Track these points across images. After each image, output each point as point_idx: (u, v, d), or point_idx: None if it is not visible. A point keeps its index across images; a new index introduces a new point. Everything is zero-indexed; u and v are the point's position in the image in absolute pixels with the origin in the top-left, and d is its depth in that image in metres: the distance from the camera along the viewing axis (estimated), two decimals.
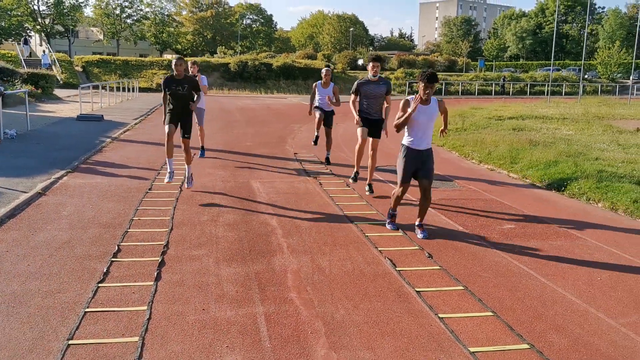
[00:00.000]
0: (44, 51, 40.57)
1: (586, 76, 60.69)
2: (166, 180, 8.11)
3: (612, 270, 5.49)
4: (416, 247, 6.03)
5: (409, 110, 6.21)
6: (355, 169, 8.78)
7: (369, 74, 8.24)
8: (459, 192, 8.88)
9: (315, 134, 10.91)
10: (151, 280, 4.89)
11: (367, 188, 8.51)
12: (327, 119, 10.47)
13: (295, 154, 12.58)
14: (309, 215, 7.24)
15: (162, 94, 8.13)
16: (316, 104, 10.48)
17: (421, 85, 6.19)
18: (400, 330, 4.10)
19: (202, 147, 11.72)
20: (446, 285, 4.99)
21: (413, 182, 6.54)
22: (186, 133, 8.12)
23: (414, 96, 6.28)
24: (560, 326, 4.23)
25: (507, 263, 5.62)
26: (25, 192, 7.77)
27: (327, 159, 10.77)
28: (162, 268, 5.19)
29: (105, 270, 5.09)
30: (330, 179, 9.71)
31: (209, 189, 8.58)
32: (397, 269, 5.34)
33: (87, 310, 4.26)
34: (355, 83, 8.41)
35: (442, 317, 4.31)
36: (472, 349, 3.83)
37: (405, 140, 6.45)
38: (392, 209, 6.79)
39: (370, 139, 8.40)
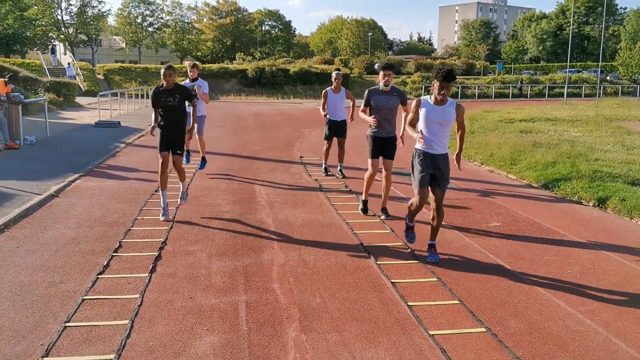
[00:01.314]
0: (68, 63, 41.74)
1: (608, 77, 60.19)
2: (162, 217, 7.18)
3: (584, 264, 5.76)
4: (400, 243, 6.36)
5: (416, 135, 5.64)
6: (363, 197, 7.74)
7: (380, 84, 7.35)
8: (453, 192, 9.16)
9: (324, 165, 10.58)
10: (146, 272, 5.30)
11: (382, 213, 7.53)
12: (340, 129, 10.00)
13: (300, 157, 12.96)
14: (303, 214, 7.60)
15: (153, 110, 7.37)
16: (328, 115, 9.98)
17: (436, 84, 5.47)
18: (369, 316, 4.44)
19: (203, 158, 10.63)
20: (421, 277, 5.32)
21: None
22: (178, 148, 7.32)
23: (428, 96, 5.67)
24: (520, 313, 4.53)
25: (484, 257, 5.92)
26: (39, 194, 8.27)
27: (340, 171, 10.33)
28: (158, 262, 5.60)
29: (105, 263, 5.51)
30: (331, 181, 10.06)
31: (212, 191, 8.99)
32: (377, 262, 5.68)
33: (85, 297, 4.69)
34: (366, 92, 7.48)
35: (410, 305, 4.64)
36: (431, 332, 4.16)
37: (418, 143, 5.74)
38: (408, 220, 6.08)
39: (381, 159, 7.48)
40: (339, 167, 10.35)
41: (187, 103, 7.45)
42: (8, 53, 56.98)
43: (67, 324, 4.19)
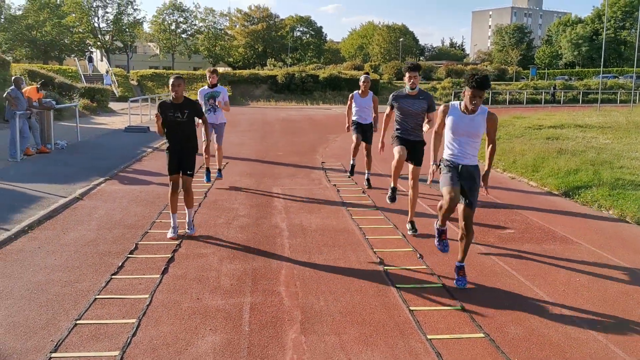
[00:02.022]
0: (107, 71, 42.81)
1: None
2: (169, 234, 6.69)
3: (593, 273, 5.72)
4: (410, 249, 6.40)
5: (428, 176, 5.36)
6: (392, 184, 7.34)
7: (406, 86, 6.88)
8: None
9: (352, 162, 10.07)
10: (158, 273, 5.47)
11: (409, 227, 7.02)
12: (365, 133, 9.60)
13: (322, 162, 13.07)
14: (318, 219, 7.70)
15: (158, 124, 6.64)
16: (353, 117, 9.74)
17: (468, 92, 4.92)
18: (370, 320, 4.52)
19: (219, 169, 10.09)
20: (426, 283, 5.36)
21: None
22: (188, 169, 6.66)
23: (457, 103, 5.17)
24: (521, 319, 4.55)
25: (493, 264, 5.92)
26: (64, 197, 8.56)
27: (368, 180, 9.88)
28: (171, 264, 5.78)
29: (120, 264, 5.71)
30: (347, 185, 10.14)
31: (231, 195, 9.17)
32: (384, 267, 5.74)
33: (97, 297, 4.87)
34: (391, 95, 7.05)
35: (412, 310, 4.70)
36: (429, 336, 4.21)
37: (445, 153, 5.32)
38: (440, 223, 5.51)
39: (410, 166, 7.01)
40: (366, 175, 9.90)
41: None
42: (46, 60, 58.68)
43: (78, 322, 4.38)
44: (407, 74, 6.82)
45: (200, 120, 7.08)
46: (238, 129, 20.75)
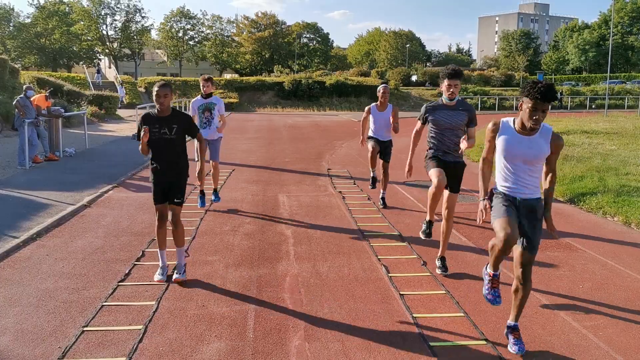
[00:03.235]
0: (121, 83, 43.15)
1: None
2: (157, 277, 5.54)
3: (597, 279, 5.73)
4: (414, 256, 6.44)
5: (477, 216, 4.16)
6: (427, 217, 6.04)
7: (444, 96, 5.75)
8: (475, 205, 9.17)
9: (372, 174, 8.94)
10: (164, 280, 5.53)
11: (438, 264, 5.95)
12: (383, 151, 8.63)
13: (328, 169, 13.13)
14: (323, 226, 7.75)
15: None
16: (370, 133, 8.75)
17: (527, 104, 3.82)
18: (373, 327, 4.56)
19: (216, 189, 8.81)
20: (431, 289, 5.40)
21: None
22: (177, 196, 5.53)
23: (510, 120, 4.14)
24: (524, 326, 4.56)
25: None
26: (72, 205, 8.65)
27: (383, 199, 8.92)
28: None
29: (127, 271, 5.78)
30: (353, 192, 10.19)
31: (238, 202, 9.23)
32: (389, 274, 5.78)
33: (104, 304, 4.94)
34: (424, 108, 5.93)
35: (415, 317, 4.74)
36: (431, 343, 4.25)
37: (498, 182, 4.21)
38: (492, 267, 4.28)
39: (446, 192, 5.84)
40: (381, 194, 8.94)
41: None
42: (55, 67, 59.18)
43: (85, 329, 4.44)
44: (445, 82, 5.62)
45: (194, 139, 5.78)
46: (245, 136, 20.82)
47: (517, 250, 4.10)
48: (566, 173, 11.18)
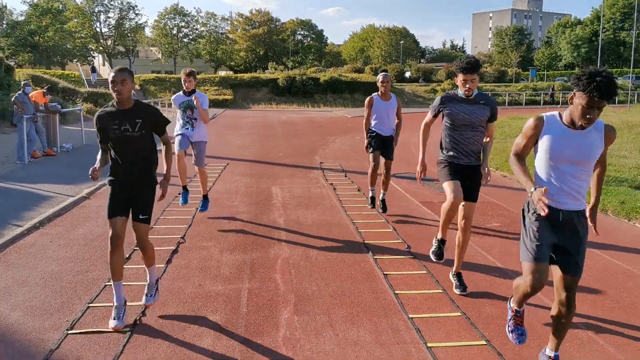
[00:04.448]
0: None
1: None
2: (112, 323, 4.31)
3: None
4: (399, 240, 6.80)
5: (535, 195, 3.25)
6: (439, 235, 5.38)
7: (460, 91, 4.95)
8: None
9: (370, 193, 8.30)
10: (163, 263, 5.89)
11: (455, 281, 5.23)
12: (386, 148, 7.95)
13: (321, 163, 13.48)
14: (314, 215, 8.11)
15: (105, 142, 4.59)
16: (372, 127, 7.95)
17: (582, 99, 3.20)
18: (357, 302, 4.92)
19: (205, 196, 7.98)
20: (414, 270, 5.77)
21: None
22: (141, 210, 4.47)
23: (556, 113, 3.47)
24: (498, 301, 4.93)
25: (484, 259, 6.32)
26: (72, 196, 8.98)
27: (383, 201, 8.13)
28: (175, 255, 6.19)
29: (127, 255, 6.12)
30: (344, 184, 10.55)
31: (232, 194, 9.58)
32: (374, 256, 6.15)
33: (107, 284, 5.29)
34: (439, 97, 5.14)
35: (397, 293, 5.10)
36: (411, 315, 4.61)
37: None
38: (515, 304, 3.82)
39: (463, 203, 5.03)
40: (381, 195, 8.18)
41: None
42: (49, 65, 59.26)
43: (90, 305, 4.79)
44: (460, 76, 4.84)
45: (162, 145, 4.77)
46: (240, 132, 21.17)
47: (557, 273, 3.54)
48: None
